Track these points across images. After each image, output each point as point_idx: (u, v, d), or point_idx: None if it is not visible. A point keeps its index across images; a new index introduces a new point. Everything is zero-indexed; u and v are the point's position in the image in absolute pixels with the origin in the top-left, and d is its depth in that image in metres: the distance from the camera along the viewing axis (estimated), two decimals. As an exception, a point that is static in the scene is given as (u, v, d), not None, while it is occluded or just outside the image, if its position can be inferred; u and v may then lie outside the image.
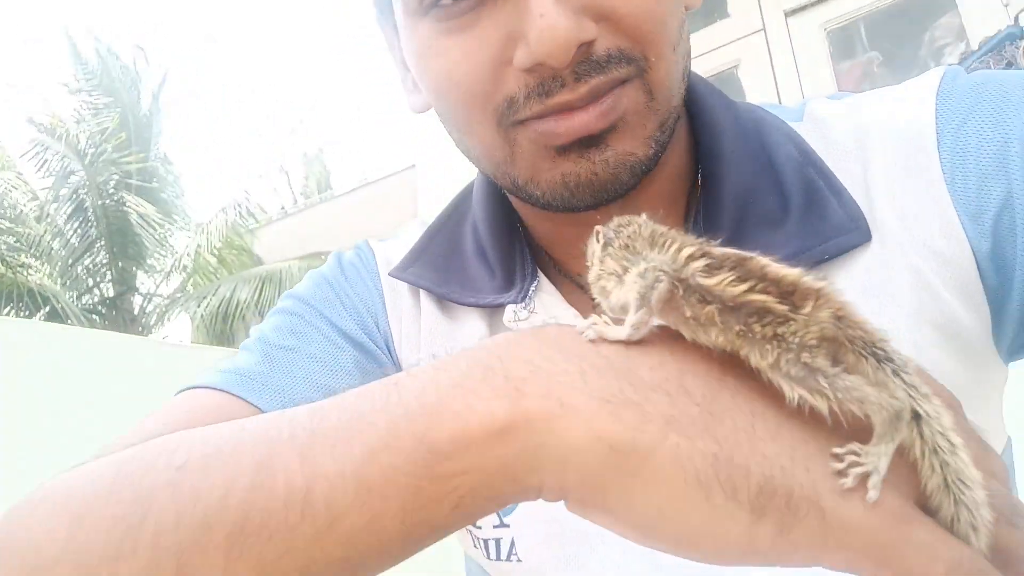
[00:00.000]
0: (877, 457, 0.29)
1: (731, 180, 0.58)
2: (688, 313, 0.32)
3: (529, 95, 0.51)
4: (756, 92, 2.38)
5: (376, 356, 0.65)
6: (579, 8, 0.49)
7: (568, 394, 0.31)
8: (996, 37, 1.93)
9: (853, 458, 0.29)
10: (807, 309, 0.31)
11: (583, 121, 0.51)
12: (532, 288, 0.62)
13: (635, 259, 0.35)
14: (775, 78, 2.47)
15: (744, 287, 0.31)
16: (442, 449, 0.30)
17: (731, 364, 0.32)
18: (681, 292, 0.32)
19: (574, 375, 0.32)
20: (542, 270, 0.64)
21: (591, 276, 0.38)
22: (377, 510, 0.31)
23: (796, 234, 0.53)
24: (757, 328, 0.31)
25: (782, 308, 0.31)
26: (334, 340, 0.64)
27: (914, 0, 2.36)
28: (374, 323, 0.67)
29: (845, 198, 0.54)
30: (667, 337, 0.34)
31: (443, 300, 0.65)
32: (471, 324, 0.64)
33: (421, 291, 0.67)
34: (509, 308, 0.61)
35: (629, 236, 0.37)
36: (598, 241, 0.38)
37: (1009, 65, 1.82)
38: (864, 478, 0.29)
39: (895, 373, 0.30)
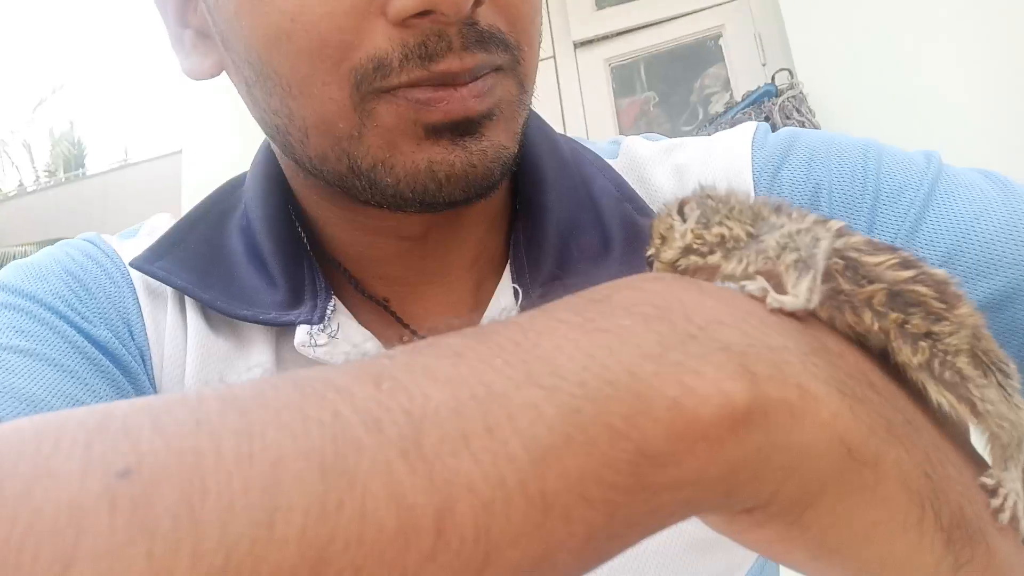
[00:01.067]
0: (1014, 483, 0.27)
1: (555, 209, 0.53)
2: (845, 287, 0.28)
3: (407, 56, 0.42)
4: (544, 117, 2.45)
5: (136, 376, 0.49)
6: None
7: (804, 379, 0.23)
8: (756, 92, 2.10)
9: (1004, 490, 0.27)
10: (961, 311, 0.28)
11: (464, 100, 0.43)
12: (330, 308, 0.51)
13: (762, 224, 0.30)
14: (562, 107, 2.53)
15: (910, 273, 0.28)
16: (658, 450, 0.20)
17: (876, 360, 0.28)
18: (837, 264, 0.28)
19: (794, 353, 0.24)
20: (333, 288, 0.54)
21: (668, 254, 0.32)
22: (556, 540, 0.19)
23: (620, 274, 0.49)
24: (916, 320, 0.27)
25: (940, 306, 0.28)
26: (80, 347, 0.47)
27: (688, 48, 2.53)
28: (128, 331, 0.51)
29: None
30: (812, 320, 0.28)
31: (212, 313, 0.52)
32: (255, 346, 0.51)
33: (188, 303, 0.52)
34: (302, 329, 0.49)
35: (735, 202, 0.32)
36: (680, 212, 0.32)
37: (767, 118, 1.99)
38: (1014, 511, 0.27)
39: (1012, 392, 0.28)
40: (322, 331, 0.49)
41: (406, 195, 0.45)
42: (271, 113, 0.47)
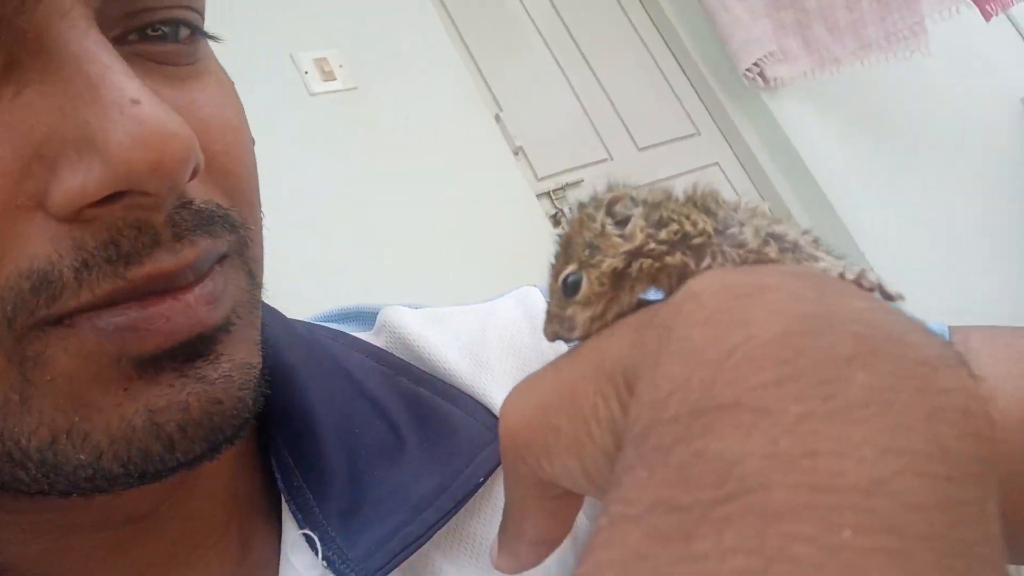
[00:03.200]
0: None
1: (323, 409, 0.40)
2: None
3: (87, 264, 0.26)
4: None
5: None
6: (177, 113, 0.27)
7: None
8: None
9: None
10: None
11: (193, 310, 0.28)
12: None
13: (716, 218, 0.26)
14: None
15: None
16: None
17: None
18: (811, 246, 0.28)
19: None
20: None
21: (611, 262, 0.26)
22: None
23: (428, 464, 0.40)
24: None
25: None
26: None
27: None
28: None
29: (467, 404, 0.43)
30: None
31: None
32: None
33: None
34: None
35: (675, 197, 0.28)
36: (611, 214, 0.27)
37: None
38: None
39: None
40: None
41: (113, 471, 0.29)
42: None
